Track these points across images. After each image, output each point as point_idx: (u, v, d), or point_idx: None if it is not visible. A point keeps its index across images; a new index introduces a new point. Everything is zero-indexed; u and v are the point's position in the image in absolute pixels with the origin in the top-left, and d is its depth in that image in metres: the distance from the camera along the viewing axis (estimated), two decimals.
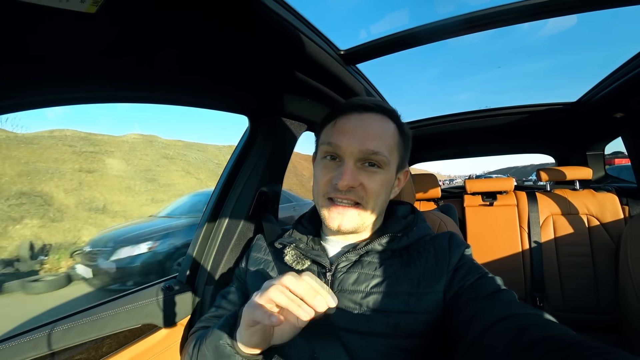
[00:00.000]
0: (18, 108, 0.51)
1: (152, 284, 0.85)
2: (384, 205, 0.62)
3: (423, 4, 19.12)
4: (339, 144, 0.57)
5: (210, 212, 0.94)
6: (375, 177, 0.57)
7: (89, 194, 9.73)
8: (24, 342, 0.59)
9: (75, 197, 9.43)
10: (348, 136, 0.56)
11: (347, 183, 0.55)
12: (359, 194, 0.57)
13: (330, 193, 0.58)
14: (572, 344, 0.33)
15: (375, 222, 0.63)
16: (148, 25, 0.48)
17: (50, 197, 8.73)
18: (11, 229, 7.27)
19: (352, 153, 0.56)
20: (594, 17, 7.48)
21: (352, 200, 0.57)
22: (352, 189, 0.56)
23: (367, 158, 0.56)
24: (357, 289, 0.56)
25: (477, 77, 49.81)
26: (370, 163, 0.57)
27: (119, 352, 0.70)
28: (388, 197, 0.62)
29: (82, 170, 10.36)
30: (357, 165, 0.57)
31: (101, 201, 9.74)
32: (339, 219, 0.57)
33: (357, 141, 0.56)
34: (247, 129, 0.98)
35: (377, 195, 0.58)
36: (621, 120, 1.56)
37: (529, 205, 1.79)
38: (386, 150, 0.57)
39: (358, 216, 0.57)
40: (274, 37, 0.61)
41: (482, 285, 0.51)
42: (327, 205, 0.58)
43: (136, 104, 6.41)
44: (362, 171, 0.57)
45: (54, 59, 0.46)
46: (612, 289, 1.57)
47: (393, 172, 0.61)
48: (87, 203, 9.36)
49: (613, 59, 1.27)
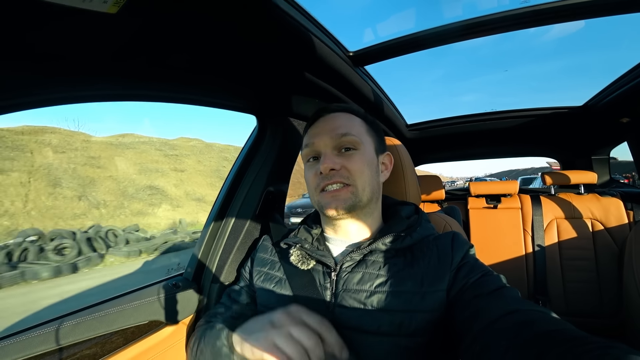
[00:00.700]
0: (33, 105, 0.52)
1: (158, 281, 0.86)
2: (375, 186, 0.64)
3: (431, 8, 19.19)
4: (314, 142, 0.63)
5: (217, 211, 0.94)
6: (354, 157, 0.61)
7: (189, 188, 12.52)
8: (34, 336, 0.60)
9: (181, 190, 12.55)
10: (319, 134, 0.63)
11: (327, 165, 0.59)
12: (343, 174, 0.60)
13: (320, 184, 0.61)
14: (574, 338, 0.33)
15: (373, 209, 0.65)
16: (164, 25, 0.48)
17: (166, 190, 11.89)
18: (156, 211, 10.83)
19: (326, 144, 0.62)
20: (602, 21, 7.46)
21: (340, 182, 0.60)
22: (336, 171, 0.60)
23: (341, 143, 0.62)
24: (361, 288, 0.56)
25: (482, 79, 49.93)
26: (346, 148, 0.62)
27: (126, 348, 0.71)
28: (377, 177, 0.65)
29: (176, 170, 13.37)
30: (334, 152, 0.62)
31: (198, 193, 12.61)
32: (334, 203, 0.60)
33: (327, 134, 0.62)
34: (255, 129, 0.98)
35: (362, 172, 0.61)
36: (627, 125, 1.55)
37: (533, 209, 1.78)
38: (355, 132, 0.63)
39: (351, 194, 0.60)
40: (286, 38, 0.62)
41: (485, 282, 0.51)
42: (320, 196, 0.62)
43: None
44: (341, 156, 0.62)
45: (69, 57, 0.47)
46: (615, 293, 1.56)
47: (371, 153, 0.65)
48: (191, 195, 12.28)
49: (621, 63, 1.27)
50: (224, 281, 0.87)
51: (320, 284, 0.60)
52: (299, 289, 0.61)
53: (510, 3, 0.86)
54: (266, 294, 0.66)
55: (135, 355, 0.73)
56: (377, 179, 0.66)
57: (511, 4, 0.85)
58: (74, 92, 0.54)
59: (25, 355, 0.58)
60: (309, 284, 0.61)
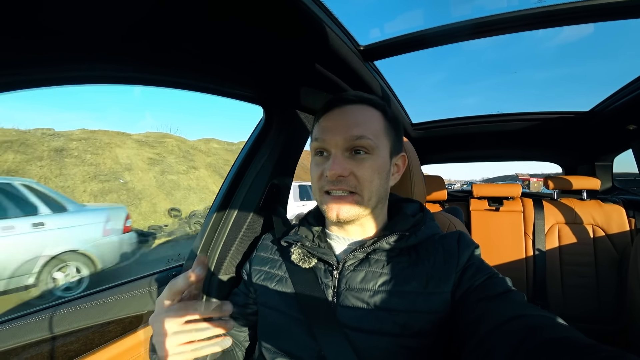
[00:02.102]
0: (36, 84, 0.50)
1: (157, 272, 0.85)
2: (382, 193, 0.60)
3: (443, 5, 19.02)
4: (324, 138, 0.58)
5: (220, 202, 0.93)
6: (365, 163, 0.57)
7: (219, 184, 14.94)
8: (28, 323, 0.58)
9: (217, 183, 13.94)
10: (332, 129, 0.58)
11: (335, 172, 0.55)
12: (351, 182, 0.56)
13: (325, 186, 0.58)
14: (584, 346, 0.32)
15: (378, 213, 0.62)
16: (176, 10, 0.47)
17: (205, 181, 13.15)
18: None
19: (337, 144, 0.57)
20: (611, 27, 7.42)
21: (346, 190, 0.57)
22: (343, 178, 0.56)
23: (354, 145, 0.57)
24: (364, 287, 0.55)
25: (485, 82, 49.12)
26: (357, 150, 0.57)
27: (123, 337, 0.70)
28: (386, 184, 0.61)
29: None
30: (345, 155, 0.57)
31: None
32: (336, 209, 0.57)
33: (341, 131, 0.57)
34: (261, 120, 0.97)
35: (370, 181, 0.57)
36: (633, 132, 1.55)
37: (535, 213, 1.78)
38: (371, 134, 0.57)
39: (355, 204, 0.57)
40: (299, 28, 0.60)
41: (491, 285, 0.50)
42: (324, 198, 0.59)
43: None
44: (351, 160, 0.57)
45: (72, 35, 0.45)
46: (613, 300, 1.57)
47: (385, 157, 0.60)
48: None
49: (629, 70, 1.26)
50: (225, 273, 0.86)
51: (322, 282, 0.59)
52: (300, 287, 0.60)
53: (520, 3, 0.85)
54: (267, 293, 0.65)
55: (134, 344, 0.72)
56: (386, 185, 0.62)
57: (521, 4, 0.84)
58: (81, 71, 0.52)
59: (18, 342, 0.57)
60: (310, 282, 0.60)
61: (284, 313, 0.60)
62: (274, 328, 0.61)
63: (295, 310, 0.59)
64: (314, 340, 0.54)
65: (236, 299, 0.74)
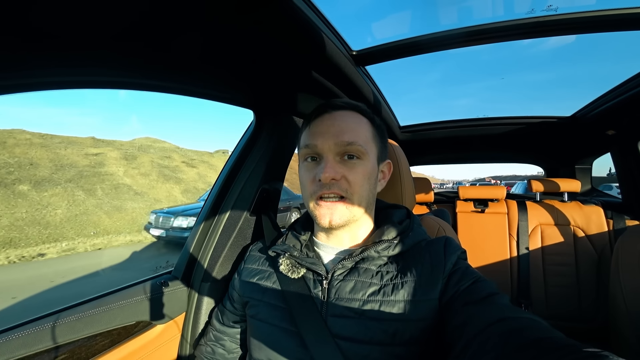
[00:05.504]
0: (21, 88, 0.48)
1: (145, 280, 0.82)
2: (370, 198, 0.62)
3: (436, 13, 19.26)
4: (316, 143, 0.59)
5: (209, 208, 0.91)
6: (357, 168, 0.58)
7: None
8: (10, 339, 0.55)
9: None
10: (323, 134, 0.58)
11: (329, 175, 0.56)
12: (343, 186, 0.57)
13: (317, 191, 0.58)
14: (563, 346, 0.33)
15: (366, 219, 0.63)
16: (168, 11, 0.45)
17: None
18: None
19: (330, 148, 0.58)
20: (594, 35, 7.57)
21: (338, 194, 0.57)
22: (336, 181, 0.57)
23: (345, 151, 0.58)
24: (354, 297, 0.55)
25: (477, 85, 49.62)
26: (349, 155, 0.58)
27: (112, 350, 0.68)
28: (374, 190, 0.63)
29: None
30: (337, 159, 0.58)
31: None
32: (329, 215, 0.57)
33: (332, 137, 0.58)
34: (251, 124, 0.95)
35: (361, 186, 0.58)
36: (612, 137, 1.61)
37: (519, 214, 1.83)
38: (361, 141, 0.58)
39: (346, 209, 0.58)
40: (292, 32, 0.59)
41: (476, 289, 0.51)
42: (316, 204, 0.59)
43: None
44: (343, 165, 0.58)
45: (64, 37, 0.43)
46: (594, 299, 1.63)
47: (374, 163, 0.61)
48: None
49: (610, 76, 1.30)
50: (215, 279, 0.84)
51: (311, 292, 0.59)
52: (291, 298, 0.60)
53: (506, 14, 0.87)
54: (257, 305, 0.64)
55: (124, 356, 0.70)
56: (374, 191, 0.63)
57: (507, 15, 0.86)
58: (69, 76, 0.50)
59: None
60: (300, 292, 0.59)
61: (275, 325, 0.60)
62: (265, 340, 0.60)
63: (286, 322, 0.58)
64: (305, 350, 0.54)
65: (223, 318, 0.75)
